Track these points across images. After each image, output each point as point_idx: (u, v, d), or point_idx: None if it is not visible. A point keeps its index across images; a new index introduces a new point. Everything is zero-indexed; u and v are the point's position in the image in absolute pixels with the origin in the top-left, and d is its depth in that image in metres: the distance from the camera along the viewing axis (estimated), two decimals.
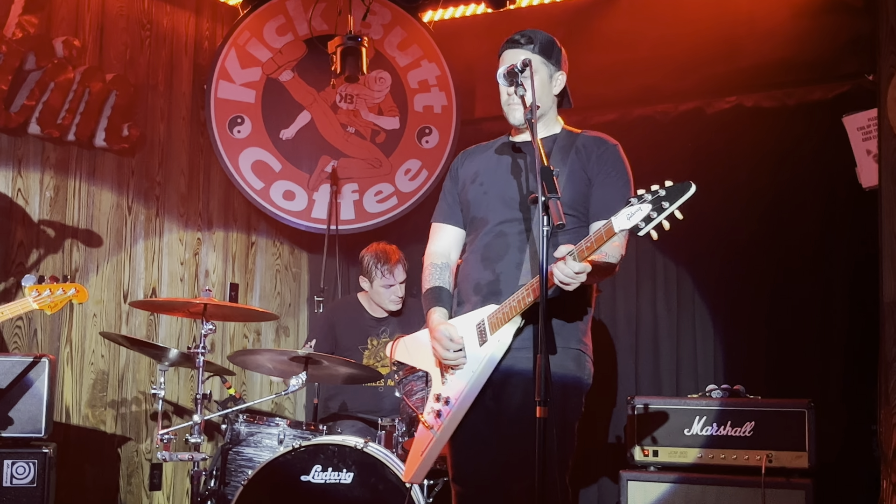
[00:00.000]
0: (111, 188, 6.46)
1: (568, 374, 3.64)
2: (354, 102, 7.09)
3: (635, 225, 3.07)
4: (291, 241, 7.51)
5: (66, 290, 4.71)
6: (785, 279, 6.11)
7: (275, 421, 5.19)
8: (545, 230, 3.07)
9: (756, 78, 6.23)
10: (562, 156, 3.73)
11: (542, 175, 3.09)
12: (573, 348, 3.68)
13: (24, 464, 4.89)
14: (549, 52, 3.82)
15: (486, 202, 3.84)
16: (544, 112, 3.82)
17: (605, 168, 3.69)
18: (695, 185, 3.03)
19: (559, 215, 3.04)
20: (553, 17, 6.85)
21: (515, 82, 3.49)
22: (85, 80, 6.15)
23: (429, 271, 3.95)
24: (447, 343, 3.68)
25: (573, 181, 3.67)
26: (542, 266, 3.09)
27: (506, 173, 3.82)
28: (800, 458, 5.29)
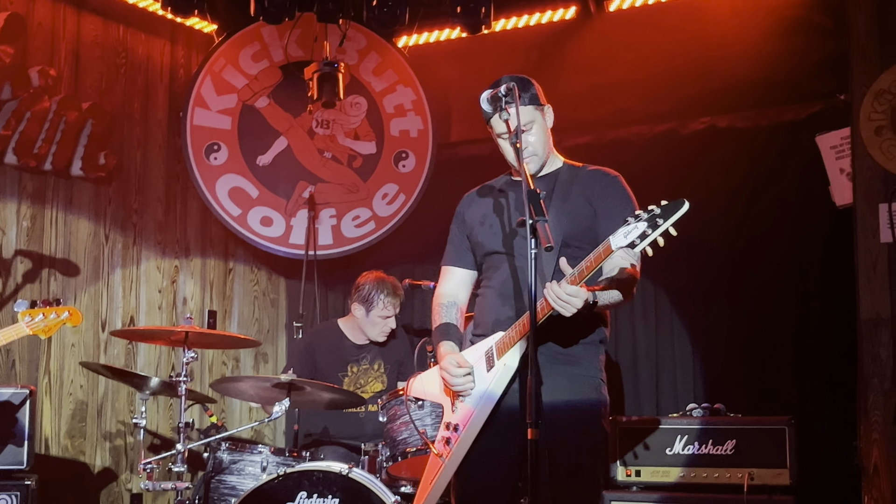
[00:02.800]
0: (88, 217, 6.44)
1: (588, 400, 3.68)
2: (331, 128, 7.10)
3: (631, 242, 3.14)
4: (269, 267, 7.51)
5: (59, 313, 4.66)
6: (762, 298, 6.15)
7: (257, 448, 5.16)
8: (532, 252, 3.10)
9: (729, 99, 6.30)
10: (565, 190, 3.79)
11: (530, 198, 3.13)
12: (593, 377, 3.72)
13: (7, 496, 4.85)
14: (535, 98, 3.83)
15: (497, 241, 3.90)
16: (546, 149, 3.87)
17: (610, 199, 3.74)
18: (688, 203, 3.10)
19: (547, 237, 3.08)
20: (527, 41, 6.90)
21: (499, 107, 3.52)
22: (61, 110, 6.14)
23: (437, 310, 4.05)
24: (454, 369, 3.75)
25: (578, 215, 3.72)
26: (532, 289, 3.11)
27: (514, 211, 3.88)
28: (781, 475, 5.30)
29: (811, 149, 5.98)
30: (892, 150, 5.39)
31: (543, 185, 3.77)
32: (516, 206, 3.87)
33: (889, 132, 5.41)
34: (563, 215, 3.69)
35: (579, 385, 3.68)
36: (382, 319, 5.84)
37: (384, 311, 5.82)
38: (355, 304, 5.89)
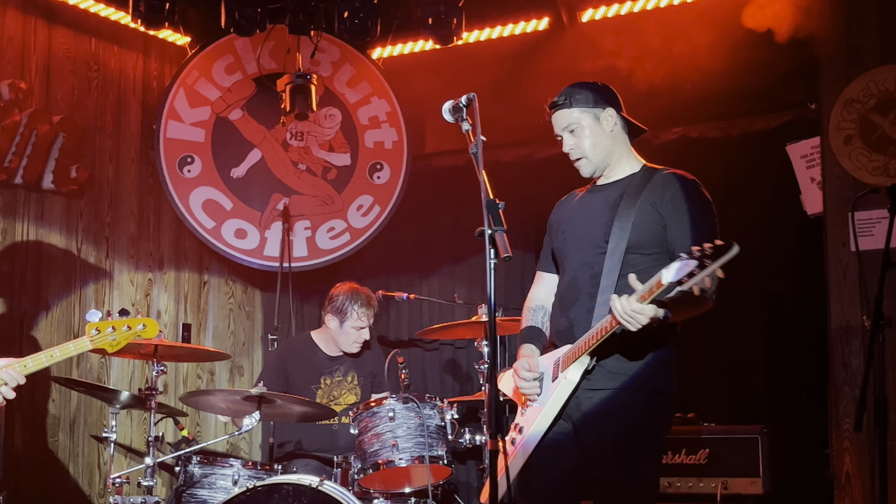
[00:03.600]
0: (60, 231, 6.42)
1: (628, 418, 3.64)
2: (305, 139, 7.10)
3: (679, 279, 3.15)
4: (244, 279, 7.49)
5: (132, 325, 4.25)
6: (734, 307, 6.13)
7: (229, 462, 5.13)
8: (492, 263, 3.10)
9: (701, 109, 6.33)
10: (633, 196, 3.75)
11: (488, 208, 3.13)
12: (643, 389, 3.67)
13: None
14: (584, 99, 3.86)
15: (565, 248, 3.93)
16: (608, 154, 3.86)
17: (677, 206, 3.68)
18: (738, 247, 3.11)
19: (505, 248, 3.08)
20: (499, 52, 6.92)
21: (460, 117, 3.52)
22: (32, 123, 6.12)
23: (525, 314, 4.07)
24: (523, 373, 3.79)
25: (642, 222, 3.69)
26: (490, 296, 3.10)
27: (582, 218, 3.90)
28: (754, 483, 5.33)
29: (782, 158, 6.00)
30: (860, 158, 5.43)
31: (614, 191, 3.81)
32: (587, 213, 3.89)
33: (858, 141, 5.45)
34: (626, 222, 3.68)
35: (624, 402, 3.65)
36: (356, 330, 5.83)
37: (358, 322, 5.81)
38: (329, 315, 5.88)
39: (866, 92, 5.48)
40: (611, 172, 3.90)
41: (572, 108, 3.85)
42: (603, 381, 3.69)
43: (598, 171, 3.89)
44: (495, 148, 6.90)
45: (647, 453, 3.73)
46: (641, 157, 3.98)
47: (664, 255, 3.68)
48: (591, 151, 3.84)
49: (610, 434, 3.65)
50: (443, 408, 5.02)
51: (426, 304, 7.03)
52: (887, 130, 5.42)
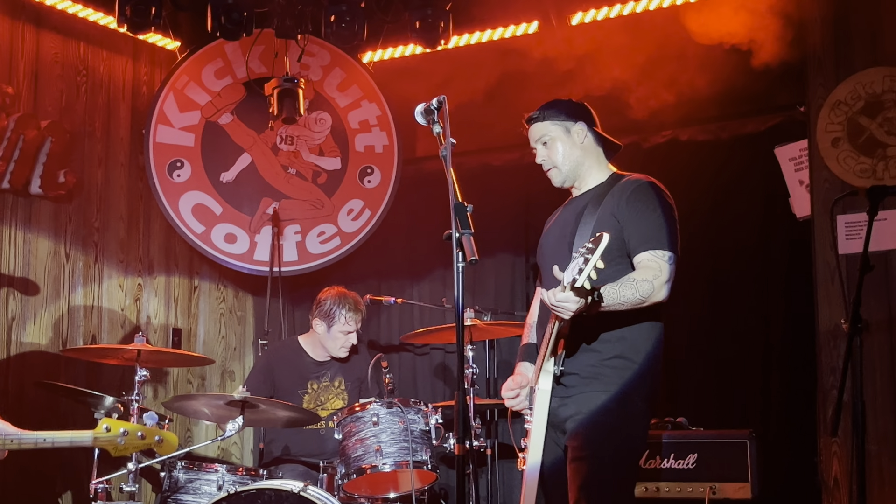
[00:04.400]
0: (48, 235, 6.40)
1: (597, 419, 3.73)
2: (295, 144, 7.08)
3: (573, 277, 3.34)
4: (236, 284, 7.48)
5: (147, 436, 4.09)
6: (724, 310, 6.14)
7: (214, 467, 5.12)
8: (459, 266, 3.09)
9: (690, 112, 6.27)
10: (594, 205, 3.87)
11: (456, 211, 3.13)
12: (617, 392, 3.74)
13: None
14: (556, 113, 4.03)
15: (542, 262, 4.09)
16: (577, 164, 4.00)
17: (633, 205, 3.80)
18: (608, 236, 3.32)
19: (472, 251, 3.08)
20: (491, 55, 6.88)
21: (432, 119, 3.54)
22: (19, 128, 6.11)
23: (525, 330, 4.23)
24: (504, 392, 4.01)
25: (601, 226, 3.75)
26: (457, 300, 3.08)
27: (555, 231, 4.06)
28: (742, 488, 5.29)
29: (772, 161, 5.98)
30: (848, 161, 5.40)
31: (581, 202, 3.95)
32: (559, 227, 4.03)
33: (846, 143, 5.43)
34: (587, 231, 3.79)
35: (597, 404, 3.73)
36: (343, 335, 5.81)
37: (345, 327, 5.79)
38: (316, 319, 5.86)
39: (854, 94, 5.45)
40: (582, 184, 4.05)
41: (545, 121, 4.03)
42: (578, 387, 3.78)
43: (567, 180, 4.03)
44: (486, 152, 6.94)
45: (623, 459, 3.78)
46: (615, 168, 4.10)
47: (625, 257, 3.80)
48: (561, 161, 3.99)
49: (586, 438, 3.72)
50: (427, 412, 5.01)
51: (417, 309, 7.01)
52: (875, 133, 5.39)
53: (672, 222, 3.83)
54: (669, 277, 3.70)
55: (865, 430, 3.63)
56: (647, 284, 3.64)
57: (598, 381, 3.75)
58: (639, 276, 3.67)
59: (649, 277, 3.65)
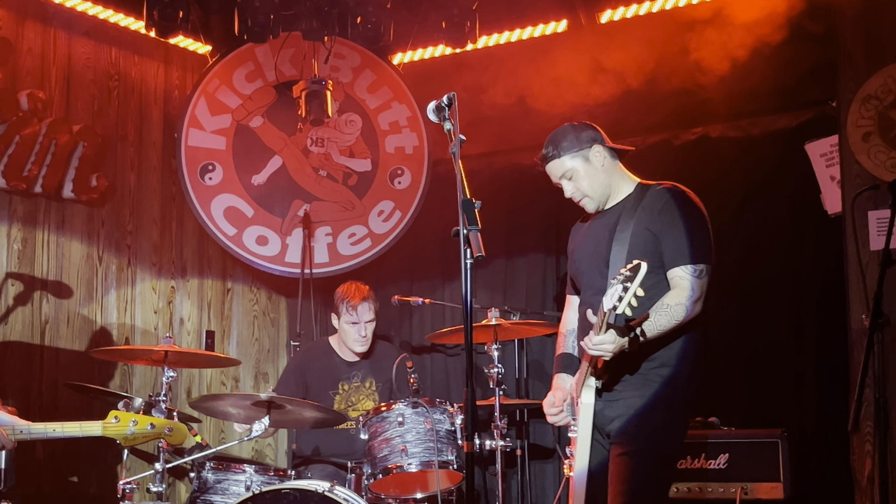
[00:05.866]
0: (81, 239, 6.47)
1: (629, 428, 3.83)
2: (325, 146, 7.11)
3: (613, 305, 3.40)
4: (269, 286, 7.52)
5: (157, 425, 4.18)
6: (756, 308, 6.07)
7: (242, 467, 5.14)
8: (468, 263, 3.09)
9: (721, 109, 6.23)
10: (628, 218, 3.92)
11: (464, 207, 3.12)
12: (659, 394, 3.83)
13: None
14: (570, 145, 4.04)
15: (578, 276, 4.17)
16: (606, 187, 4.05)
17: (665, 218, 3.85)
18: (645, 265, 3.37)
19: (478, 247, 3.08)
20: (519, 55, 6.87)
21: (443, 116, 3.57)
22: (51, 133, 6.17)
23: (559, 339, 4.29)
24: (547, 409, 4.08)
25: (636, 242, 3.85)
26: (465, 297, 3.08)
27: (588, 245, 4.11)
28: (775, 489, 5.25)
29: (803, 157, 5.90)
30: (879, 156, 5.32)
31: (612, 215, 4.00)
32: (591, 239, 4.08)
33: (876, 138, 5.35)
34: (623, 245, 3.85)
35: (637, 406, 3.82)
36: (350, 326, 5.82)
37: (350, 317, 5.80)
38: (332, 315, 5.93)
39: (885, 88, 5.37)
40: (610, 199, 4.09)
41: (562, 157, 4.04)
42: (626, 391, 3.87)
43: (600, 205, 4.09)
44: (515, 151, 6.92)
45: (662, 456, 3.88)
46: (635, 175, 4.15)
47: (662, 269, 3.86)
48: (591, 190, 4.04)
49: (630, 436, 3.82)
50: (453, 412, 4.99)
51: (448, 309, 7.00)
52: None
53: (704, 231, 3.88)
54: (702, 293, 3.80)
55: (888, 426, 3.57)
56: (681, 308, 3.72)
57: (645, 386, 3.83)
58: (672, 300, 3.74)
59: (682, 300, 3.73)
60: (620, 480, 3.79)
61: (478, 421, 2.99)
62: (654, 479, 3.83)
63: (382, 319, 6.20)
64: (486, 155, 6.94)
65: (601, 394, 3.84)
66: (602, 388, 3.83)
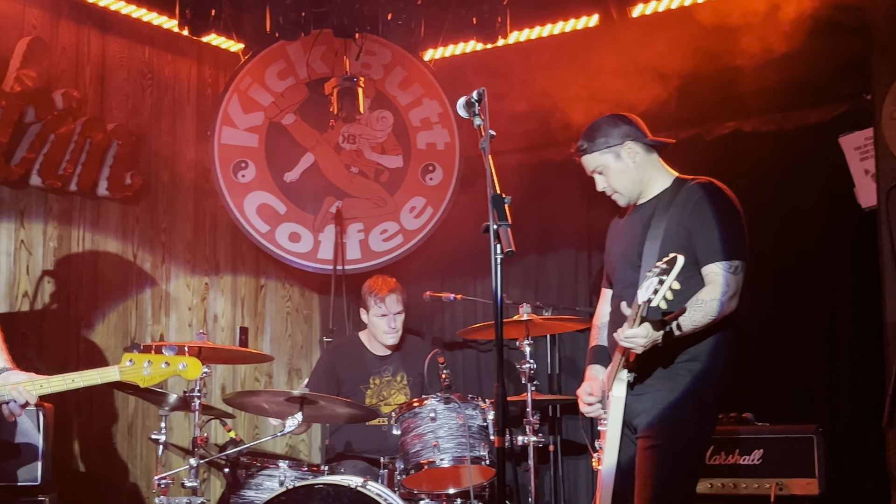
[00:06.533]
0: (115, 237, 6.52)
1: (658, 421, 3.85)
2: (357, 142, 7.13)
3: (649, 297, 3.40)
4: (301, 283, 7.56)
5: (172, 363, 4.13)
6: (790, 303, 6.03)
7: (276, 463, 5.17)
8: (498, 258, 3.10)
9: (754, 103, 6.18)
10: (662, 213, 3.94)
11: (494, 203, 3.13)
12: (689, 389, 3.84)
13: None
14: (603, 141, 4.04)
15: (611, 269, 4.20)
16: (637, 183, 4.05)
17: (699, 214, 3.86)
18: (682, 259, 3.38)
19: (508, 242, 3.09)
20: (551, 50, 6.85)
21: (472, 112, 3.58)
22: (86, 131, 6.22)
23: (592, 332, 4.32)
24: (585, 397, 4.08)
25: (670, 237, 3.86)
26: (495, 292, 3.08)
27: (622, 239, 4.13)
28: (810, 484, 5.22)
29: (837, 151, 5.86)
30: None
31: (647, 210, 4.01)
32: (626, 233, 4.10)
33: None
34: (656, 240, 3.87)
35: (666, 400, 3.84)
36: (380, 318, 5.87)
37: (377, 310, 5.86)
38: (361, 309, 5.99)
39: None
40: (645, 193, 4.10)
41: (593, 153, 4.06)
42: (654, 385, 3.88)
43: (632, 200, 4.10)
44: (546, 147, 6.91)
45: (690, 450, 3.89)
46: (677, 171, 4.14)
47: (696, 265, 3.85)
48: (621, 186, 4.06)
49: (657, 429, 3.83)
50: (485, 408, 5.00)
51: (480, 305, 7.00)
52: None
53: (739, 228, 3.87)
54: (737, 290, 3.79)
55: None
56: (715, 304, 3.72)
57: (674, 381, 3.84)
58: (707, 295, 3.74)
59: (717, 296, 3.73)
60: (647, 474, 3.80)
61: (509, 416, 2.99)
62: (680, 473, 3.84)
63: (414, 315, 6.22)
64: (517, 150, 6.93)
65: (632, 387, 3.85)
66: (633, 382, 3.84)
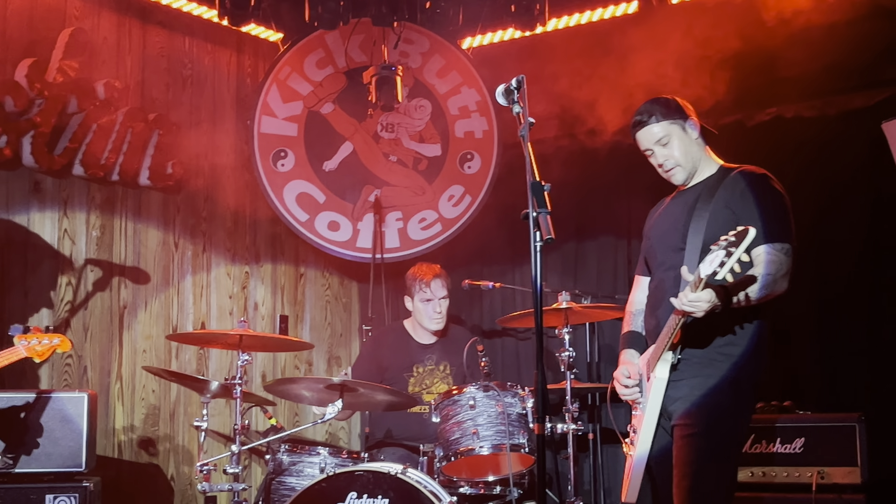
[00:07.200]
0: (157, 225, 6.58)
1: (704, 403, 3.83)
2: (396, 131, 7.14)
3: (714, 271, 3.39)
4: (341, 271, 7.59)
5: (51, 339, 4.80)
6: (833, 291, 5.98)
7: (316, 450, 5.21)
8: (537, 245, 3.09)
9: (795, 88, 6.14)
10: (707, 197, 3.97)
11: (533, 190, 3.13)
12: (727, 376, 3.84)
13: (66, 498, 4.96)
14: (670, 113, 4.08)
15: (652, 253, 4.21)
16: (696, 160, 4.10)
17: (748, 198, 3.88)
18: (753, 230, 3.37)
19: (548, 230, 3.08)
20: (589, 37, 6.82)
21: (512, 99, 3.58)
22: (127, 121, 6.28)
23: (626, 318, 4.34)
24: (623, 380, 4.10)
25: (716, 220, 3.88)
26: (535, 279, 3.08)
27: (665, 223, 4.17)
28: (852, 473, 5.18)
29: (880, 136, 5.78)
30: None
31: (692, 194, 4.05)
32: (669, 218, 4.13)
33: None
34: (701, 222, 3.89)
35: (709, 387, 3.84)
36: (425, 303, 5.90)
37: (422, 295, 5.89)
38: (405, 297, 6.01)
39: None
40: (693, 176, 4.13)
41: (661, 121, 4.06)
42: (690, 371, 3.88)
43: (687, 177, 4.11)
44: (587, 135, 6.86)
45: (728, 437, 3.86)
46: (719, 157, 4.18)
47: None
48: (683, 159, 4.07)
49: (694, 416, 3.81)
50: (524, 396, 5.00)
51: (518, 293, 6.99)
52: None
53: (787, 213, 3.89)
54: (788, 270, 3.79)
55: None
56: (771, 279, 3.71)
57: (711, 366, 3.84)
58: (763, 270, 3.72)
59: (772, 272, 3.72)
60: (685, 462, 3.79)
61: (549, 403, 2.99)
62: (720, 461, 3.82)
63: (452, 303, 6.21)
64: (556, 138, 6.91)
65: (675, 368, 3.86)
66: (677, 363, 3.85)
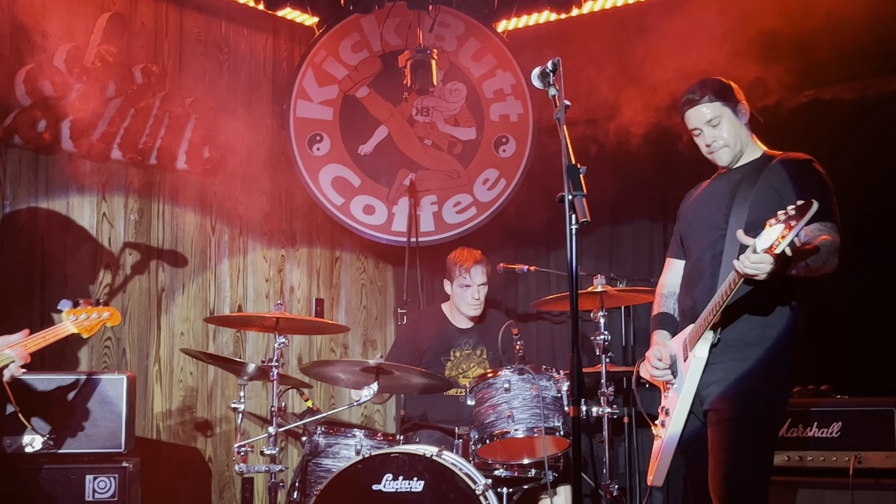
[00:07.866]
0: (194, 209, 6.63)
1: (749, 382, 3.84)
2: (431, 115, 7.14)
3: (772, 244, 3.36)
4: (376, 255, 7.61)
5: (100, 313, 4.73)
6: (870, 276, 5.93)
7: (352, 432, 5.24)
8: (573, 228, 3.09)
9: (834, 70, 6.08)
10: (752, 179, 4.00)
11: (569, 173, 3.12)
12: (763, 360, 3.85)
13: (106, 478, 5.02)
14: (723, 94, 4.11)
15: (690, 233, 4.24)
16: (744, 143, 4.13)
17: (795, 180, 3.90)
18: (817, 204, 3.31)
19: (584, 212, 3.08)
20: (624, 20, 6.79)
21: (547, 82, 3.57)
22: (165, 105, 6.33)
23: (657, 300, 4.36)
24: (655, 362, 4.10)
25: (761, 199, 3.91)
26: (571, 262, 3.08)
27: (705, 204, 4.20)
28: (889, 457, 5.14)
29: None
30: None
31: (735, 176, 4.08)
32: (709, 199, 4.16)
33: None
34: (745, 203, 3.92)
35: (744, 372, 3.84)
36: (464, 289, 5.91)
37: (462, 280, 5.90)
38: (445, 281, 6.01)
39: None
40: (738, 159, 4.15)
41: (713, 101, 4.08)
42: (725, 354, 3.88)
43: (734, 159, 4.13)
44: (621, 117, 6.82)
45: (764, 422, 3.85)
46: (763, 144, 4.21)
47: None
48: (732, 140, 4.09)
49: (730, 401, 3.81)
50: (559, 379, 5.01)
51: (553, 277, 7.00)
52: None
53: (833, 197, 3.89)
54: (839, 247, 3.78)
55: None
56: (827, 252, 3.69)
57: (746, 349, 3.84)
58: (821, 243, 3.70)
59: (828, 245, 3.71)
60: (721, 447, 3.78)
61: (584, 387, 3.00)
62: (756, 446, 3.81)
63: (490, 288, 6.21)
64: (590, 122, 6.88)
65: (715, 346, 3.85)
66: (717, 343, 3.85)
